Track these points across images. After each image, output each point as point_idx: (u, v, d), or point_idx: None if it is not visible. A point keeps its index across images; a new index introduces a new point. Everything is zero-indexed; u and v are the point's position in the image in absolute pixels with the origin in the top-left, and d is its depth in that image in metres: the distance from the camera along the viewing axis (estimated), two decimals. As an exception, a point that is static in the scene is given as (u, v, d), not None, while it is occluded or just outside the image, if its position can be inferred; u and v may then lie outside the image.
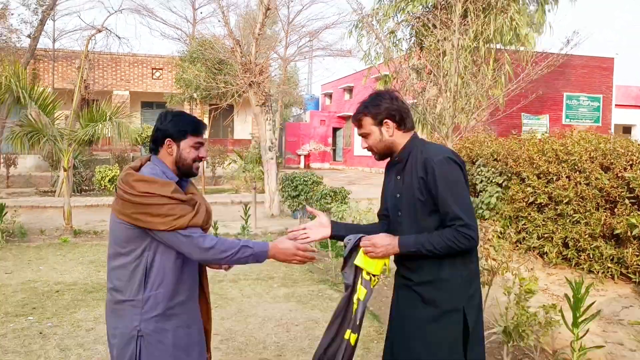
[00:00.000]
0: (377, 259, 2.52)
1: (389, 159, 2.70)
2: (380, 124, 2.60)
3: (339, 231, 2.72)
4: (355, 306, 2.51)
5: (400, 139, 2.60)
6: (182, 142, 2.46)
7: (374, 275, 2.55)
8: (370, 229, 2.72)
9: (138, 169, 2.44)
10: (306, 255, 2.49)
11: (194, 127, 2.48)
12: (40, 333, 5.02)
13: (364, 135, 2.64)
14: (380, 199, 2.84)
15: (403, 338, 2.53)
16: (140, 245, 2.34)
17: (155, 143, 2.49)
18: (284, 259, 2.46)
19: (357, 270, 2.55)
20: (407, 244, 2.47)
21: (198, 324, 2.54)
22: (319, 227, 2.70)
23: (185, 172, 2.51)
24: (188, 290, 2.47)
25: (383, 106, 2.58)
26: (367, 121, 2.61)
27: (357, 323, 2.52)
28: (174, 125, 2.46)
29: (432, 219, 2.47)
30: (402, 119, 2.60)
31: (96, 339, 4.86)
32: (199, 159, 2.50)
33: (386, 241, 2.50)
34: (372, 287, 2.55)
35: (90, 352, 4.59)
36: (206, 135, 2.56)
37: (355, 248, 2.57)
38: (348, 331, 2.51)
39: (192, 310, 2.51)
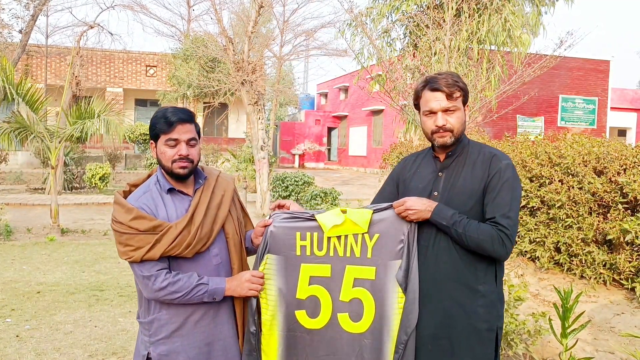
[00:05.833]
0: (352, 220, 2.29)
1: (406, 156, 2.47)
2: (464, 104, 2.32)
3: None
4: (368, 297, 2.30)
5: None
6: (158, 143, 2.23)
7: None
8: None
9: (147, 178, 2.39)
10: (259, 282, 2.31)
11: (162, 123, 2.20)
12: (17, 336, 4.88)
13: (451, 110, 2.26)
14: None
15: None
16: None
17: None
18: (239, 291, 2.27)
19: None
20: (444, 215, 2.20)
21: (225, 339, 2.33)
22: None
23: (171, 175, 2.26)
24: (205, 308, 2.28)
25: (466, 88, 2.30)
26: (458, 95, 2.27)
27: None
28: (150, 125, 2.25)
29: None
30: None
31: (74, 343, 4.72)
32: (179, 157, 2.20)
33: (420, 203, 2.23)
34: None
35: (66, 356, 4.45)
36: (186, 128, 2.22)
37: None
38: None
39: (213, 327, 2.31)
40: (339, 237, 2.33)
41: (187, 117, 2.24)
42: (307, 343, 2.34)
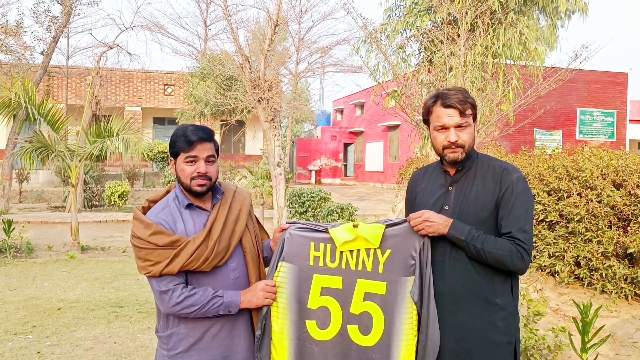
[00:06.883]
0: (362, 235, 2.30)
1: (414, 170, 2.51)
2: (474, 120, 2.34)
3: None
4: (372, 310, 2.31)
5: None
6: (177, 160, 2.29)
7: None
8: None
9: (164, 195, 2.43)
10: (274, 290, 2.34)
11: (183, 141, 2.25)
12: (38, 352, 4.94)
13: (463, 126, 2.28)
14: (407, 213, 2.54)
15: None
16: None
17: None
18: (255, 301, 2.30)
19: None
20: (461, 230, 2.20)
21: (243, 352, 2.36)
22: None
23: (189, 192, 2.30)
24: (222, 321, 2.30)
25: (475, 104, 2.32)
26: (470, 112, 2.29)
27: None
28: (170, 143, 2.31)
29: None
30: None
31: (94, 359, 4.77)
32: (198, 175, 2.24)
33: (438, 217, 2.24)
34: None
35: (86, 372, 4.50)
36: (205, 147, 2.27)
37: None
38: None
39: (230, 341, 2.33)
40: (351, 251, 2.34)
41: (207, 135, 2.29)
42: (316, 355, 2.34)
